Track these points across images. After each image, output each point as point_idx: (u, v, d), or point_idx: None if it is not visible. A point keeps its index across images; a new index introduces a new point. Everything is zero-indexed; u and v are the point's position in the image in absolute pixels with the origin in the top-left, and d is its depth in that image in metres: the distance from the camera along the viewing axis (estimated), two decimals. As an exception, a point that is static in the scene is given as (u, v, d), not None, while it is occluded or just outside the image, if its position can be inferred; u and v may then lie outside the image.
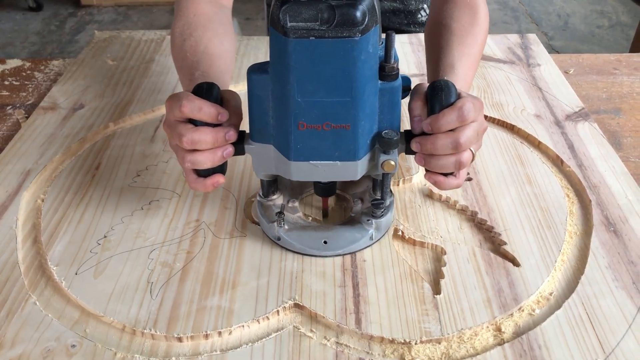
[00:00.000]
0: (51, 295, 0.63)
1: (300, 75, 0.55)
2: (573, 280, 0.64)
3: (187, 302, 0.61)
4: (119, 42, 1.17)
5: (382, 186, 0.66)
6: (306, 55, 0.54)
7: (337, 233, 0.68)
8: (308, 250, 0.66)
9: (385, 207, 0.67)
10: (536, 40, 1.15)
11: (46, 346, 0.57)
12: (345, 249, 0.66)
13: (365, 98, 0.57)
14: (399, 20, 1.23)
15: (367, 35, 0.54)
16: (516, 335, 0.58)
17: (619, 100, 0.99)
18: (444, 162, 0.60)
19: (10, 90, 1.04)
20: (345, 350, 0.57)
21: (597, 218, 0.72)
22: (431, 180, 0.63)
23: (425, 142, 0.60)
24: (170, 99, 0.61)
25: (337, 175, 0.62)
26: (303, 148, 0.60)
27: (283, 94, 0.57)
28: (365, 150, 0.61)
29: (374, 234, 0.67)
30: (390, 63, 0.58)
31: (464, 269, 0.65)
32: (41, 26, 3.36)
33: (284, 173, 0.63)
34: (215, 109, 0.60)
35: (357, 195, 0.72)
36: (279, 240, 0.67)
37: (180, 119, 0.60)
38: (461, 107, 0.59)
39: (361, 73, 0.55)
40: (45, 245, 0.69)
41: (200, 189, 0.63)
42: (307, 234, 0.68)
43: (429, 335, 0.58)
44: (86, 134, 0.88)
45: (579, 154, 0.82)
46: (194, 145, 0.59)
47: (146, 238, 0.69)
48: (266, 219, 0.68)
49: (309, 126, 0.58)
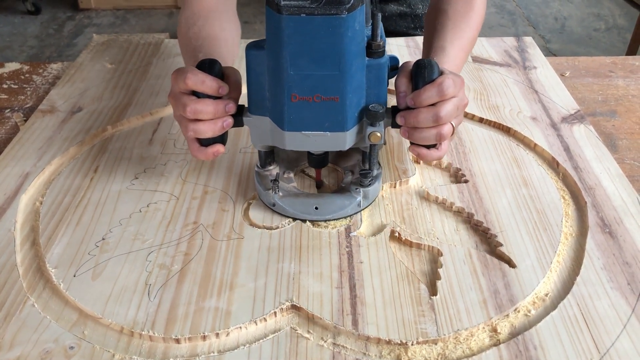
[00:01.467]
0: (49, 297, 0.63)
1: (292, 50, 0.60)
2: (568, 281, 0.65)
3: (185, 304, 0.62)
4: (117, 45, 1.17)
5: (369, 157, 0.71)
6: (298, 31, 0.59)
7: (328, 200, 0.73)
8: (300, 214, 0.71)
9: (373, 177, 0.72)
10: (532, 43, 1.16)
11: (44, 348, 0.57)
12: (334, 214, 0.71)
13: (352, 72, 0.62)
14: (406, 24, 1.23)
15: (353, 14, 0.59)
16: (512, 335, 0.59)
17: (615, 103, 1.00)
18: (425, 135, 0.65)
19: (9, 93, 1.04)
20: (342, 352, 0.57)
21: (593, 220, 0.72)
22: (415, 152, 0.68)
23: (409, 116, 0.65)
24: (175, 72, 0.66)
25: (327, 145, 0.67)
26: (295, 119, 0.64)
27: (277, 68, 0.62)
28: (354, 122, 0.66)
29: (361, 201, 0.72)
30: (377, 41, 0.63)
31: (460, 270, 0.65)
32: (39, 30, 3.37)
33: (279, 143, 0.68)
34: (217, 82, 0.65)
35: (347, 168, 0.78)
36: (273, 206, 0.72)
37: (184, 90, 0.65)
38: (441, 83, 0.64)
39: (348, 48, 0.60)
40: (43, 247, 0.69)
41: (201, 157, 0.68)
42: (300, 200, 0.72)
43: (426, 336, 0.58)
44: (84, 137, 0.88)
45: (574, 156, 0.83)
46: (196, 115, 0.64)
47: (144, 240, 0.70)
48: (262, 187, 0.73)
49: (301, 98, 0.63)
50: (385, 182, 0.77)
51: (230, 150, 0.85)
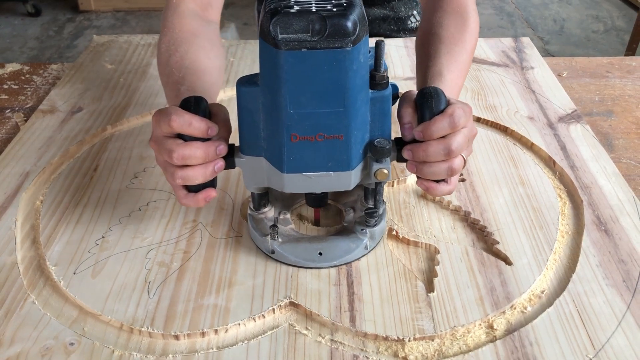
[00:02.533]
0: (50, 294, 0.64)
1: (292, 87, 0.55)
2: (564, 279, 0.65)
3: (184, 301, 0.62)
4: (116, 46, 1.18)
5: (374, 195, 0.66)
6: (298, 67, 0.54)
7: (332, 244, 0.67)
8: (303, 262, 0.66)
9: (379, 216, 0.67)
10: (530, 43, 1.17)
11: (45, 344, 0.58)
12: (340, 260, 0.66)
13: (357, 107, 0.58)
14: (389, 27, 1.24)
15: (358, 45, 0.54)
16: (508, 332, 0.59)
17: (611, 103, 1.00)
18: (436, 169, 0.61)
19: (9, 93, 1.05)
20: (339, 348, 0.58)
21: (589, 218, 0.73)
22: (423, 186, 0.63)
23: (417, 150, 0.60)
24: (157, 114, 0.60)
25: (331, 186, 0.62)
26: (296, 160, 0.59)
27: (274, 106, 0.57)
28: (358, 159, 0.61)
29: (368, 243, 0.67)
30: (380, 72, 0.59)
31: (457, 267, 0.66)
32: (40, 31, 3.38)
33: (276, 185, 0.63)
34: (205, 123, 0.59)
35: (348, 205, 0.72)
36: (272, 253, 0.66)
37: (168, 134, 0.59)
38: (452, 114, 0.59)
39: (353, 83, 0.56)
40: (44, 245, 0.69)
41: (191, 204, 0.62)
42: (302, 245, 0.67)
43: (422, 333, 0.59)
44: (84, 137, 0.89)
45: (571, 155, 0.83)
46: (184, 161, 0.58)
47: (143, 238, 0.70)
48: (259, 233, 0.67)
49: (302, 138, 0.58)
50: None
51: (229, 149, 0.85)
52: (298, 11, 0.53)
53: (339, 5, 0.54)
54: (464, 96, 0.98)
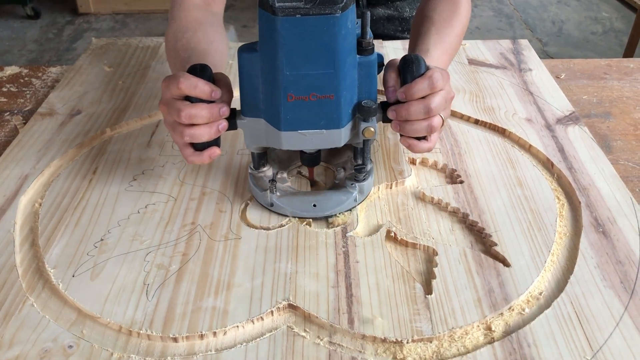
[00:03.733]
0: (48, 297, 0.64)
1: (287, 51, 0.61)
2: (562, 280, 0.65)
3: (183, 303, 0.62)
4: (115, 49, 1.18)
5: (363, 152, 0.72)
6: (293, 32, 0.60)
7: (325, 197, 0.73)
8: (299, 212, 0.72)
9: (367, 172, 0.73)
10: (528, 45, 1.17)
11: (43, 347, 0.58)
12: (333, 210, 0.72)
13: (346, 70, 0.64)
14: (394, 27, 1.24)
15: (346, 12, 0.60)
16: (506, 334, 0.59)
17: (609, 105, 1.00)
18: (417, 127, 0.68)
19: (8, 96, 1.05)
20: (338, 350, 0.58)
21: (586, 219, 0.73)
22: (405, 143, 0.70)
23: (400, 110, 0.67)
24: (167, 79, 0.66)
25: (323, 143, 0.68)
26: (292, 118, 0.66)
27: (272, 69, 0.63)
28: (348, 118, 0.68)
29: (357, 196, 0.73)
30: (366, 39, 0.65)
31: (455, 269, 0.66)
32: (39, 34, 3.38)
33: (274, 144, 0.69)
34: (210, 86, 0.65)
35: (340, 165, 0.79)
36: (271, 206, 0.73)
37: (177, 96, 0.65)
38: (431, 76, 0.66)
39: (342, 47, 0.62)
40: (42, 248, 0.70)
41: (197, 161, 0.68)
42: (298, 198, 0.73)
43: (421, 335, 0.59)
44: (83, 140, 0.89)
45: (569, 157, 0.84)
46: (191, 120, 0.65)
47: (142, 241, 0.70)
48: (259, 188, 0.74)
49: (297, 97, 0.64)
50: (381, 182, 0.78)
51: (228, 152, 0.86)
52: None
53: None
54: (462, 98, 0.98)
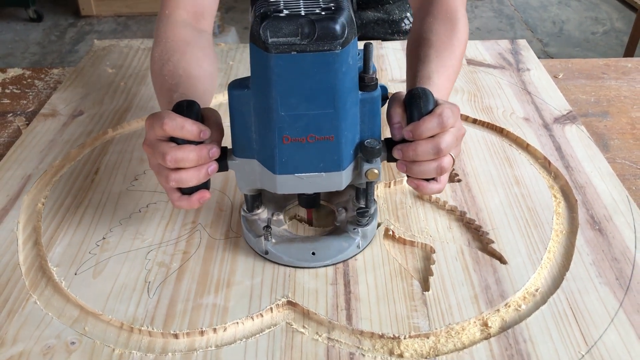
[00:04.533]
0: (51, 294, 0.65)
1: (282, 90, 0.56)
2: (558, 277, 0.66)
3: (183, 301, 0.63)
4: (117, 50, 1.19)
5: (366, 194, 0.67)
6: (288, 70, 0.55)
7: (325, 243, 0.68)
8: (297, 262, 0.66)
9: (370, 215, 0.68)
10: (526, 45, 1.18)
11: (46, 343, 0.59)
12: (333, 259, 0.67)
13: (347, 109, 0.59)
14: (383, 30, 1.25)
15: (347, 48, 0.55)
16: (502, 329, 0.60)
17: (607, 104, 1.01)
18: (425, 168, 0.62)
19: (11, 98, 1.06)
20: (336, 345, 0.59)
21: (583, 217, 0.74)
22: (413, 185, 0.65)
23: (407, 149, 0.62)
24: (150, 118, 0.61)
25: (323, 186, 0.63)
26: (288, 161, 0.60)
27: (266, 109, 0.58)
28: (349, 160, 0.62)
29: (360, 242, 0.68)
30: (369, 73, 0.60)
31: (453, 266, 0.67)
32: (41, 36, 3.40)
33: (269, 187, 0.64)
34: (197, 126, 0.60)
35: (340, 205, 0.73)
36: (266, 254, 0.67)
37: (161, 137, 0.60)
38: (441, 114, 0.61)
39: (343, 85, 0.57)
40: (45, 247, 0.71)
41: (185, 206, 0.63)
42: (295, 246, 0.68)
43: (418, 330, 0.59)
44: (85, 140, 0.90)
45: (566, 156, 0.84)
46: (177, 164, 0.59)
47: (144, 239, 0.71)
48: (253, 234, 0.68)
49: (294, 139, 0.59)
50: (380, 181, 0.79)
51: (228, 152, 0.86)
52: (287, 15, 0.54)
53: (327, 9, 0.55)
54: (460, 97, 0.99)
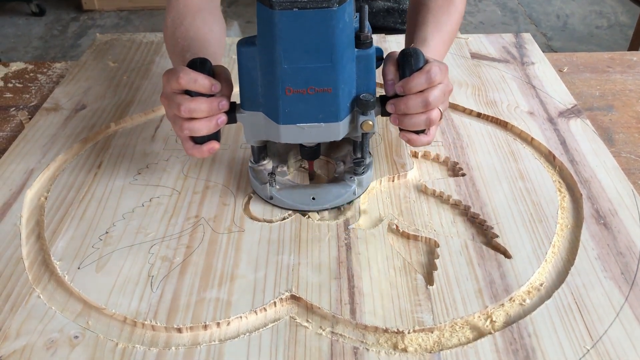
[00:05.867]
0: (54, 289, 0.65)
1: (285, 44, 0.61)
2: (563, 272, 0.66)
3: (187, 295, 0.63)
4: (120, 44, 1.19)
5: (362, 146, 0.73)
6: (290, 25, 0.60)
7: (324, 190, 0.74)
8: (299, 205, 0.73)
9: (366, 165, 0.74)
10: (530, 39, 1.17)
11: (50, 337, 0.59)
12: (332, 203, 0.73)
13: (344, 63, 0.64)
14: (393, 19, 1.25)
15: (343, 6, 0.60)
16: (507, 324, 0.60)
17: (612, 98, 1.01)
18: (415, 120, 0.68)
19: (14, 92, 1.06)
20: (340, 340, 0.58)
21: (588, 211, 0.73)
22: (405, 138, 0.71)
23: (399, 103, 0.68)
24: (167, 73, 0.67)
25: (322, 136, 0.68)
26: (290, 112, 0.66)
27: (270, 63, 0.63)
28: (346, 112, 0.68)
29: (356, 189, 0.74)
30: (365, 32, 0.65)
31: (457, 261, 0.66)
32: (44, 31, 3.39)
33: (273, 137, 0.69)
34: (209, 80, 0.66)
35: (339, 159, 0.79)
36: (271, 199, 0.73)
37: (177, 90, 0.66)
38: (429, 71, 0.66)
39: (339, 40, 0.62)
40: (48, 241, 0.70)
41: (197, 154, 0.69)
42: (297, 191, 0.74)
43: (422, 325, 0.59)
44: (88, 134, 0.90)
45: (570, 150, 0.84)
46: (191, 114, 0.65)
47: (147, 233, 0.71)
48: (259, 181, 0.74)
49: (295, 91, 0.64)
50: (383, 175, 0.79)
51: (231, 146, 0.86)
52: None
53: None
54: (464, 91, 0.98)
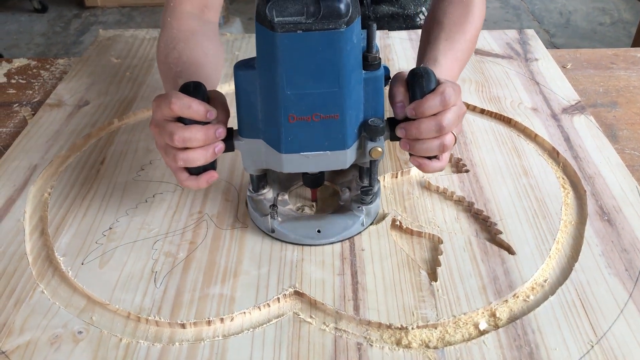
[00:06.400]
0: (58, 284, 0.65)
1: (288, 69, 0.57)
2: (567, 268, 0.66)
3: (190, 290, 0.63)
4: (123, 40, 1.18)
5: (369, 173, 0.68)
6: (294, 48, 0.56)
7: (330, 221, 0.69)
8: (303, 240, 0.68)
9: (374, 194, 0.70)
10: (534, 35, 1.16)
11: (54, 333, 0.59)
12: (339, 236, 0.68)
13: (351, 87, 0.59)
14: (398, 25, 1.24)
15: (351, 26, 0.56)
16: (510, 320, 0.60)
17: (616, 94, 1.00)
18: (428, 146, 0.63)
19: (17, 88, 1.06)
20: (344, 336, 0.58)
21: (592, 208, 0.73)
22: (416, 163, 0.65)
23: (410, 127, 0.63)
24: (158, 98, 0.62)
25: (328, 165, 0.64)
26: (294, 140, 0.61)
27: (272, 88, 0.59)
28: (354, 138, 0.63)
29: (364, 219, 0.69)
30: (373, 53, 0.61)
31: (460, 257, 0.66)
32: (46, 27, 3.39)
33: (275, 166, 0.65)
34: (204, 106, 0.61)
35: (344, 185, 0.74)
36: (273, 232, 0.69)
37: (169, 117, 0.61)
38: (443, 92, 0.61)
39: (347, 63, 0.58)
40: (52, 237, 0.70)
41: (193, 186, 0.64)
42: (301, 224, 0.69)
43: (426, 321, 0.59)
44: (91, 130, 0.90)
45: (574, 146, 0.84)
46: (185, 143, 0.60)
47: (150, 229, 0.71)
48: (259, 213, 0.69)
49: (299, 118, 0.60)
50: (387, 172, 0.79)
51: (235, 142, 0.86)
52: None
53: None
54: (467, 87, 0.98)
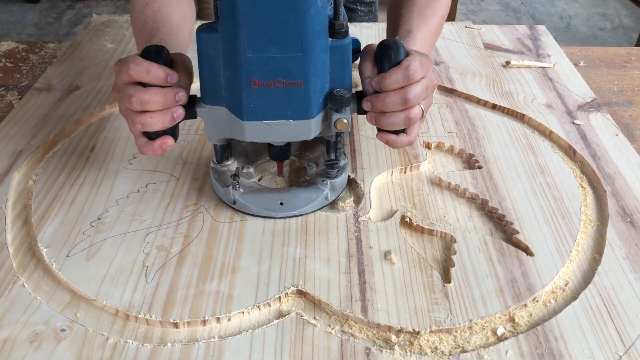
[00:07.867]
0: (40, 277, 0.60)
1: (250, 30, 0.55)
2: (589, 271, 0.61)
3: (184, 287, 0.58)
4: (117, 25, 1.13)
5: (335, 146, 0.66)
6: (256, 9, 0.54)
7: (293, 194, 0.67)
8: (264, 212, 0.65)
9: (340, 168, 0.68)
10: (545, 31, 1.13)
11: (34, 330, 0.54)
12: (301, 210, 0.66)
13: (316, 54, 0.57)
14: None
15: None
16: (531, 326, 0.55)
17: (631, 93, 0.96)
18: (393, 119, 0.61)
19: (4, 71, 1.00)
20: (351, 339, 0.54)
21: (613, 208, 0.69)
22: (383, 139, 0.64)
23: (375, 100, 0.61)
24: (118, 63, 0.60)
25: (291, 135, 0.61)
26: (256, 107, 0.59)
27: (233, 51, 0.57)
28: (318, 108, 0.61)
29: (329, 194, 0.67)
30: (340, 20, 0.58)
31: (475, 257, 0.62)
32: (38, 18, 3.33)
33: (237, 135, 0.62)
34: (164, 70, 0.59)
35: (311, 160, 0.72)
36: (234, 203, 0.66)
37: (128, 82, 0.60)
38: (407, 67, 0.60)
39: (311, 27, 0.55)
40: (35, 226, 0.65)
41: (149, 152, 0.62)
42: (263, 196, 0.67)
43: (439, 325, 0.55)
44: (81, 116, 0.85)
45: (592, 144, 0.80)
46: (143, 106, 0.58)
47: (142, 221, 0.66)
48: (221, 184, 0.67)
49: (261, 83, 0.58)
50: (395, 166, 0.74)
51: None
52: None
53: None
54: (478, 82, 0.94)
